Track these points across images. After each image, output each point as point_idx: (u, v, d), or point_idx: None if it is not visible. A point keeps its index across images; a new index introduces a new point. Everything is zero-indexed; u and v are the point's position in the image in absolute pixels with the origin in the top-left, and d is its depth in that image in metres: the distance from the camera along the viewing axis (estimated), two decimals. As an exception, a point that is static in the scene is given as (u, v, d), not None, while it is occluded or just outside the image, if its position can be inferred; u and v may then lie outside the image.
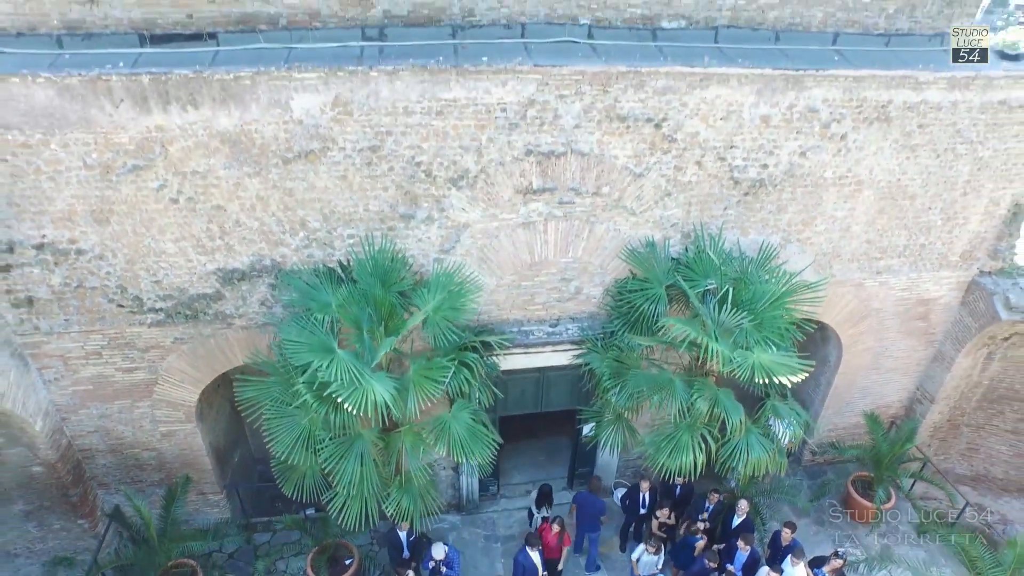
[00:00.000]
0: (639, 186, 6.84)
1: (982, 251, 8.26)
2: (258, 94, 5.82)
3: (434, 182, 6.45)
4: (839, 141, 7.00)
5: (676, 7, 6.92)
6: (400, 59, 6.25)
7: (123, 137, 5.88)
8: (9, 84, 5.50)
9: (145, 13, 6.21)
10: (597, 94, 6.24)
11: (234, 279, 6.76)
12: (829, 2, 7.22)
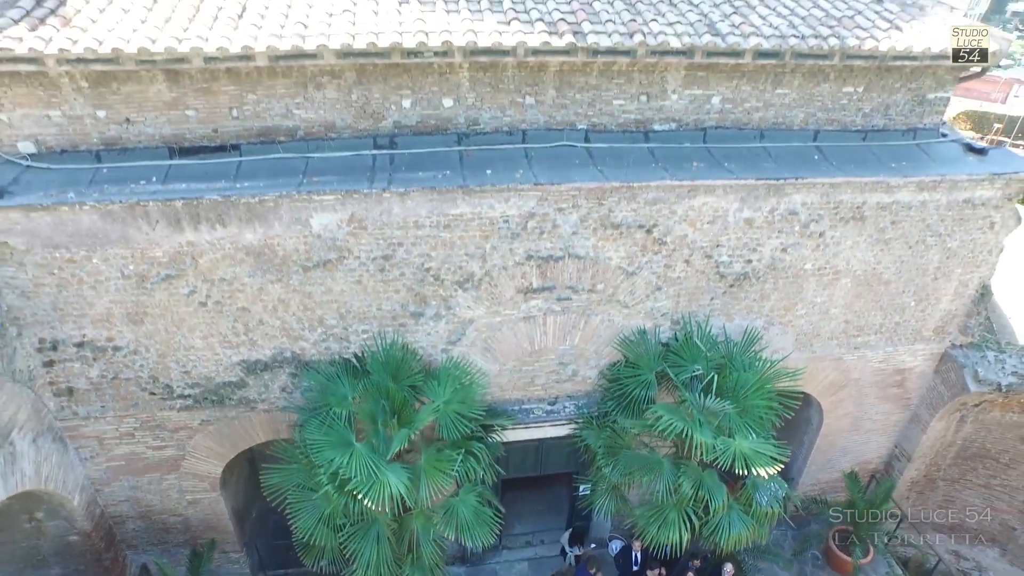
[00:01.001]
0: (631, 283, 7.39)
1: (953, 326, 8.81)
2: (280, 214, 6.37)
3: (442, 285, 7.00)
4: (818, 238, 7.55)
5: (667, 112, 7.47)
6: (410, 168, 6.81)
7: (157, 251, 6.43)
8: (60, 211, 6.05)
9: (174, 129, 6.77)
10: (593, 206, 6.79)
11: (257, 369, 7.32)
12: (810, 104, 7.78)
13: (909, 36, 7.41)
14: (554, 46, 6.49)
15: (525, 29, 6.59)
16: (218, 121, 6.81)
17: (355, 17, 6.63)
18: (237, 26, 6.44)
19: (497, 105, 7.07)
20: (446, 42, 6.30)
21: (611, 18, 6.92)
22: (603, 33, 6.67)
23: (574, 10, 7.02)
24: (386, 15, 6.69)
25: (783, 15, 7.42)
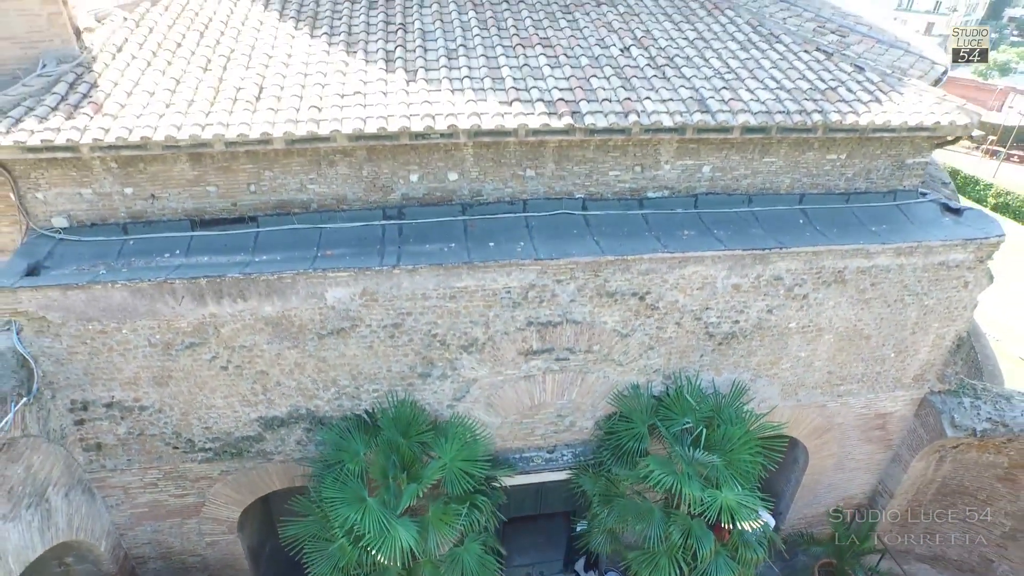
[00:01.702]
0: (625, 344, 7.84)
1: (932, 374, 9.26)
2: (297, 289, 6.81)
3: (448, 349, 7.46)
4: (801, 300, 8.00)
5: (660, 180, 7.91)
6: (417, 239, 7.27)
7: (182, 323, 6.88)
8: (93, 289, 6.48)
9: (196, 203, 7.22)
10: (589, 277, 7.23)
11: (274, 425, 7.78)
12: (795, 170, 8.23)
13: (888, 108, 7.85)
14: (553, 127, 6.93)
15: (526, 110, 7.03)
16: (237, 195, 7.26)
17: (365, 99, 7.07)
18: (255, 109, 6.89)
19: (499, 178, 7.52)
20: (452, 126, 6.74)
21: (607, 95, 7.36)
22: (599, 112, 7.12)
23: (572, 87, 7.47)
24: (395, 95, 7.13)
25: (771, 88, 7.86)
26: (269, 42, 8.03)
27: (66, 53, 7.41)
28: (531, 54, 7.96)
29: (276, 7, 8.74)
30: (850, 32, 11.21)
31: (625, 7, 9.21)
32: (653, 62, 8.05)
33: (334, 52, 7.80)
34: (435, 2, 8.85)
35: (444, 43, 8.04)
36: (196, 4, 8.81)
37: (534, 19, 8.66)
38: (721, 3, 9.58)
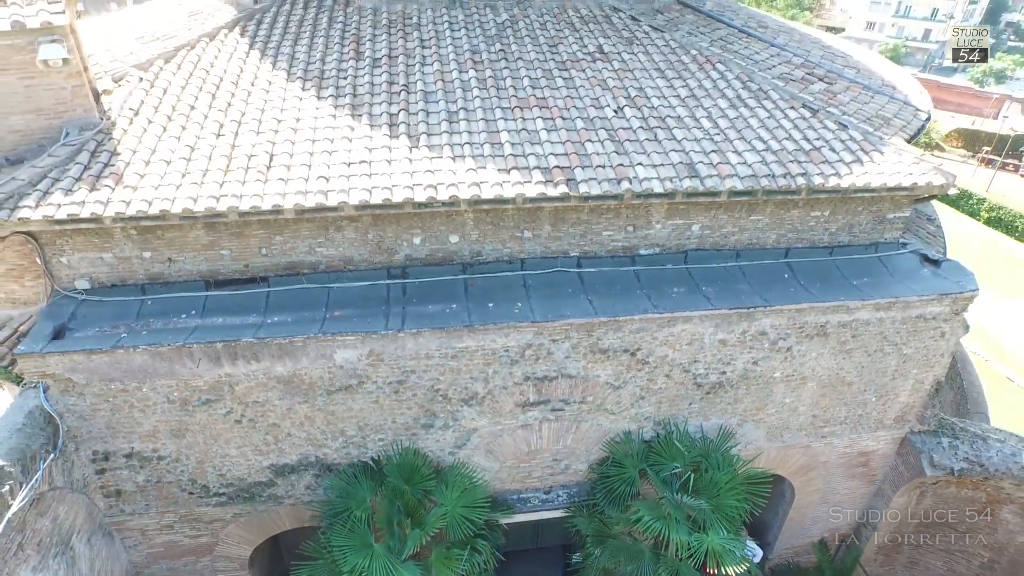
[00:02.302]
0: (617, 395, 8.25)
1: (912, 415, 9.67)
2: (308, 351, 7.21)
3: (449, 402, 7.86)
4: (785, 352, 8.40)
5: (652, 239, 8.31)
6: (421, 299, 7.67)
7: (199, 382, 7.28)
8: (115, 353, 6.88)
9: (210, 265, 7.62)
10: (583, 336, 7.63)
11: (285, 472, 8.19)
12: (781, 227, 8.61)
13: (869, 169, 8.23)
14: (549, 195, 7.31)
15: (523, 178, 7.41)
16: (249, 258, 7.65)
17: (371, 168, 7.45)
18: (267, 179, 7.26)
19: (498, 239, 7.91)
20: (453, 196, 7.13)
21: (601, 161, 7.74)
22: (593, 180, 7.50)
23: (568, 152, 7.84)
24: (399, 163, 7.51)
25: (758, 149, 8.23)
26: (278, 104, 8.40)
27: (88, 121, 7.78)
28: (528, 116, 8.34)
29: (284, 67, 9.10)
30: (838, 78, 11.59)
31: (620, 63, 9.58)
32: (646, 123, 8.42)
33: (340, 116, 8.17)
34: (437, 60, 9.22)
35: (446, 105, 8.41)
36: (207, 62, 9.19)
37: (532, 78, 9.03)
38: (712, 57, 9.95)
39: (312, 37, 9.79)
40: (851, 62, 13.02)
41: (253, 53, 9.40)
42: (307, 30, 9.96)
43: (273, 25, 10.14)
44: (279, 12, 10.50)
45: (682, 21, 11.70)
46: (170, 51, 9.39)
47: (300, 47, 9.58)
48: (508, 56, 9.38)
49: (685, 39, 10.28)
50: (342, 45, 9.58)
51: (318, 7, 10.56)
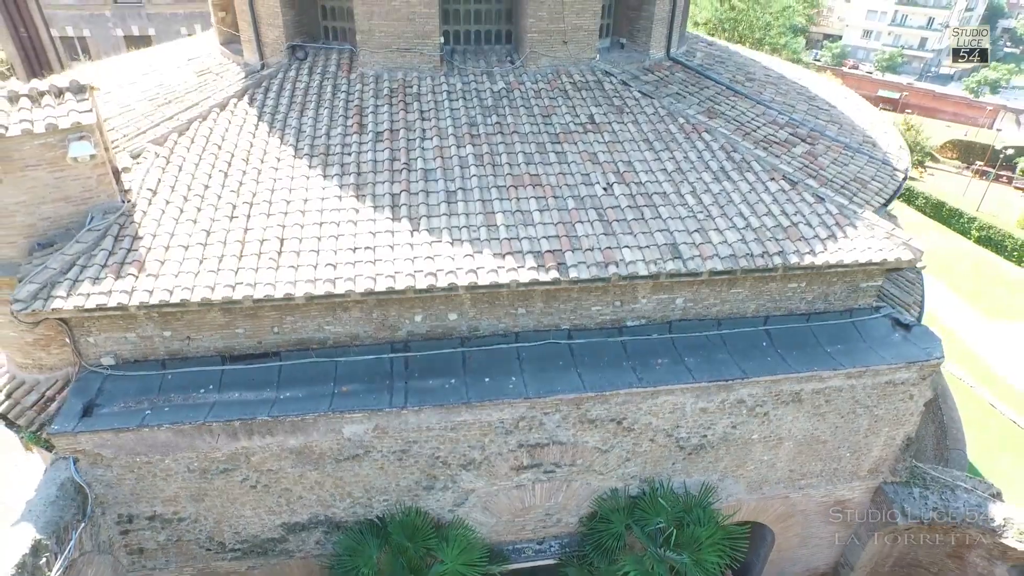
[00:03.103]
0: (605, 458, 8.83)
1: (885, 468, 10.26)
2: (318, 426, 7.79)
3: (449, 467, 8.45)
4: (762, 416, 8.97)
5: (638, 312, 8.86)
6: (422, 373, 8.23)
7: (218, 454, 7.86)
8: (141, 431, 7.46)
9: (226, 342, 8.18)
10: (572, 409, 8.21)
11: (296, 529, 8.79)
12: (760, 297, 9.16)
13: (843, 246, 8.76)
14: (541, 280, 7.87)
15: (517, 263, 7.95)
16: (262, 336, 8.21)
17: (375, 253, 7.98)
18: (278, 266, 7.80)
19: (494, 315, 8.47)
20: (451, 283, 7.68)
21: (591, 244, 8.28)
22: (582, 263, 8.04)
23: (559, 234, 8.38)
24: (401, 248, 8.05)
25: (739, 227, 8.77)
26: (287, 184, 8.92)
27: (111, 205, 8.32)
28: (523, 195, 8.87)
29: (291, 141, 9.62)
30: (820, 137, 12.10)
31: (610, 134, 10.09)
32: (634, 201, 8.95)
33: (345, 197, 8.70)
34: (436, 134, 9.73)
35: (444, 184, 8.94)
36: (218, 136, 9.71)
37: (526, 153, 9.54)
38: (699, 126, 10.45)
39: (317, 108, 10.30)
40: (834, 115, 13.52)
41: (262, 126, 9.91)
42: (312, 100, 10.47)
43: (280, 93, 10.65)
44: (285, 78, 11.00)
45: (672, 80, 12.19)
46: (183, 124, 9.93)
47: (306, 118, 10.09)
48: (504, 129, 9.90)
49: (673, 106, 10.78)
50: (346, 117, 10.10)
51: (322, 73, 11.06)
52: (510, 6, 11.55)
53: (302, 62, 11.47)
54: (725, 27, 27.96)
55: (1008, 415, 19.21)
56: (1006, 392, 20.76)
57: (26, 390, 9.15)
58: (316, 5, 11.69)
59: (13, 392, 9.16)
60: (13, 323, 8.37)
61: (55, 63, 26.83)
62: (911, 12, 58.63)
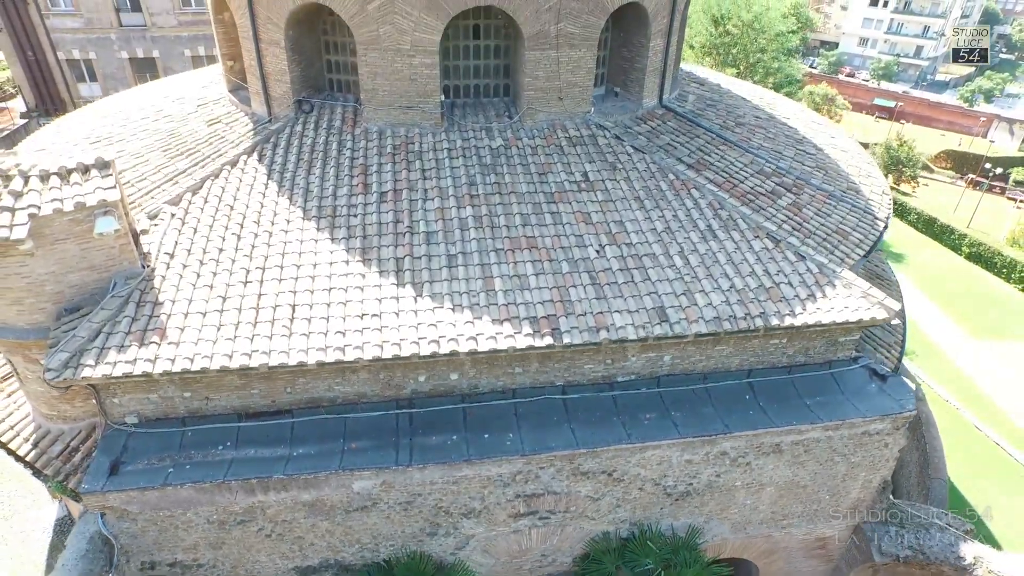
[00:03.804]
0: (597, 505, 9.41)
1: (863, 507, 10.84)
2: (330, 483, 8.35)
3: (451, 516, 9.03)
4: (745, 466, 9.54)
5: (628, 369, 9.41)
6: (426, 429, 8.80)
7: (236, 507, 8.43)
8: (164, 490, 8.01)
9: (242, 402, 8.74)
10: (565, 463, 8.77)
11: (308, 573, 9.38)
12: (744, 353, 9.71)
13: (821, 306, 9.30)
14: (537, 345, 8.41)
15: (514, 329, 8.49)
16: (276, 395, 8.77)
17: (381, 320, 8.51)
18: (291, 332, 8.34)
19: (492, 375, 9.03)
20: (453, 350, 8.22)
21: (583, 308, 8.82)
22: (575, 329, 8.58)
23: (554, 299, 8.92)
24: (406, 315, 8.58)
25: (723, 289, 9.31)
26: (296, 247, 9.42)
27: (132, 271, 8.84)
28: (520, 259, 9.39)
29: (300, 203, 10.13)
30: (805, 186, 12.60)
31: (604, 192, 10.60)
32: (624, 263, 9.47)
33: (352, 262, 9.21)
34: (437, 195, 10.25)
35: (446, 248, 9.46)
36: (230, 197, 10.22)
37: (523, 214, 10.06)
38: (688, 182, 10.97)
39: (324, 166, 10.81)
40: (819, 161, 14.01)
41: (271, 185, 10.42)
42: (319, 157, 10.97)
43: (288, 150, 11.15)
44: (292, 133, 11.51)
45: (663, 129, 12.70)
46: (197, 183, 10.44)
47: (313, 177, 10.60)
48: (502, 189, 10.41)
49: (664, 161, 11.29)
50: (351, 176, 10.61)
51: (328, 129, 11.56)
52: (508, 62, 12.05)
53: (308, 115, 11.98)
54: (719, 51, 28.45)
55: (992, 437, 19.83)
56: (991, 412, 21.39)
57: (51, 440, 9.73)
58: (322, 59, 12.20)
59: (39, 441, 9.78)
60: (40, 379, 8.98)
61: (61, 85, 27.32)
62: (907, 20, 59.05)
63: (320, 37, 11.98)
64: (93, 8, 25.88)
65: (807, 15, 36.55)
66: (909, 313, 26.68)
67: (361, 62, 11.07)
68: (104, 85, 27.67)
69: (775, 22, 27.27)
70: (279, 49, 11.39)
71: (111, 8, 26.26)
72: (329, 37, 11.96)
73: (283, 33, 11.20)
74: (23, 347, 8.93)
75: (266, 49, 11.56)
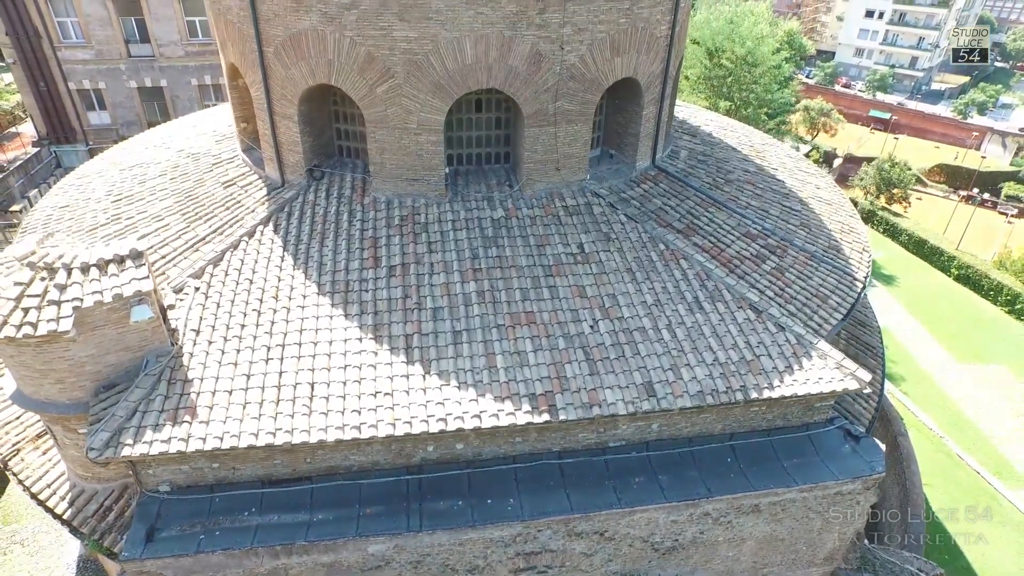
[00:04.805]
0: (590, 560, 10.24)
1: (839, 555, 11.67)
2: (347, 547, 9.17)
3: (456, 572, 9.85)
4: (727, 524, 10.36)
5: (619, 436, 10.22)
6: (433, 494, 9.61)
7: (261, 569, 9.25)
8: (197, 556, 8.82)
9: (265, 471, 9.55)
10: (561, 526, 9.59)
11: (324, 623, 10.20)
12: (726, 419, 10.51)
13: (798, 377, 10.08)
14: (535, 422, 9.21)
15: (515, 406, 9.28)
16: (296, 465, 9.57)
17: (393, 399, 9.30)
18: (311, 411, 9.12)
19: (495, 444, 9.83)
20: (459, 428, 9.01)
21: (578, 385, 9.61)
22: (570, 405, 9.38)
23: (551, 376, 9.70)
24: (415, 393, 9.36)
25: (707, 363, 10.09)
26: (313, 324, 10.19)
27: (162, 349, 9.63)
28: (519, 335, 10.16)
29: (315, 277, 10.88)
30: (789, 247, 13.34)
31: (598, 265, 11.34)
32: (616, 338, 10.25)
33: (365, 339, 9.97)
34: (443, 270, 11.00)
35: (451, 324, 10.23)
36: (249, 270, 10.98)
37: (522, 289, 10.81)
38: (677, 252, 11.72)
39: (336, 238, 11.54)
40: (804, 217, 14.72)
41: (287, 258, 11.17)
42: (331, 229, 11.69)
43: (301, 220, 11.88)
44: (305, 202, 12.23)
45: (656, 192, 13.43)
46: (217, 255, 11.20)
47: (326, 249, 11.34)
48: (503, 263, 11.17)
49: (655, 231, 12.03)
50: (361, 249, 11.35)
51: (339, 198, 12.29)
52: (508, 132, 12.78)
53: (319, 182, 12.72)
54: (713, 84, 29.07)
55: (972, 466, 20.66)
56: (974, 438, 22.21)
57: (86, 499, 10.56)
58: (332, 128, 12.93)
59: (75, 500, 10.59)
60: (78, 446, 9.78)
61: (72, 113, 27.99)
62: (902, 32, 59.59)
63: (330, 108, 12.71)
64: (104, 40, 26.53)
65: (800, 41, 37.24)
66: (899, 337, 27.51)
67: (370, 138, 11.81)
68: (113, 114, 28.35)
69: (768, 57, 27.95)
70: (292, 123, 12.13)
71: (121, 40, 26.90)
72: (339, 108, 12.70)
73: (296, 109, 11.95)
74: (63, 419, 9.73)
75: (279, 122, 12.30)
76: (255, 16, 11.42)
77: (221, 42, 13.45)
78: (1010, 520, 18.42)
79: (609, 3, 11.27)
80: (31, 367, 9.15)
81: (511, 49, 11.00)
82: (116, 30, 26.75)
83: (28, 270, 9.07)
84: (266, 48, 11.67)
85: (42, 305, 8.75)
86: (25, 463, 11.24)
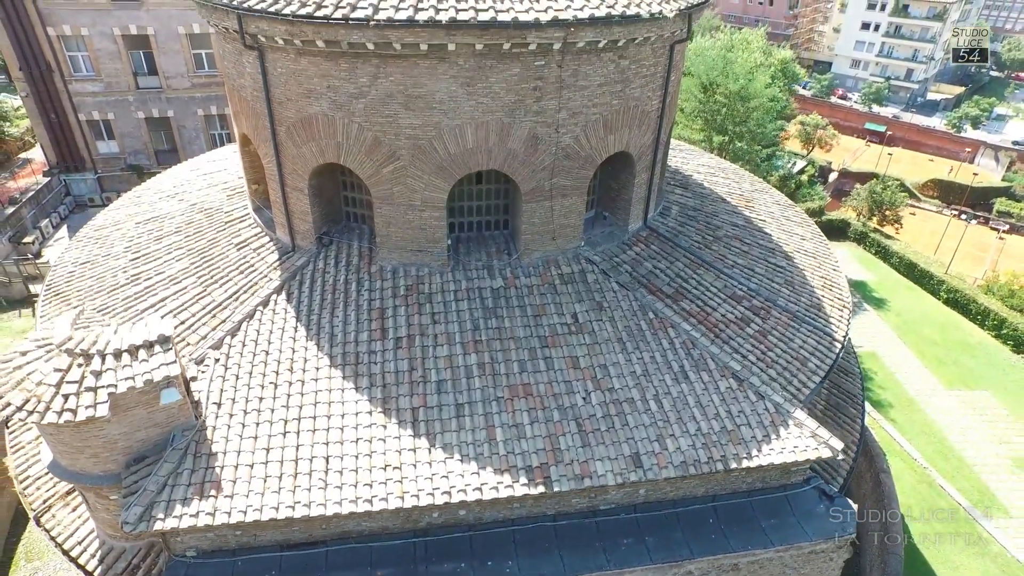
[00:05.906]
0: (584, 614, 11.09)
1: (814, 603, 12.52)
2: (358, 610, 9.99)
3: (459, 630, 10.69)
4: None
5: (609, 500, 11.03)
6: (438, 556, 10.42)
7: (280, 629, 10.08)
8: (221, 622, 9.65)
9: (284, 537, 10.38)
10: (556, 588, 10.42)
11: (337, 673, 11.05)
12: (708, 483, 11.33)
13: (775, 446, 10.89)
14: (531, 493, 10.01)
15: (513, 478, 10.09)
16: (312, 530, 10.39)
17: (401, 472, 10.11)
18: (326, 484, 9.93)
19: (494, 509, 10.66)
20: (462, 500, 9.82)
21: (571, 457, 10.41)
22: (564, 477, 10.20)
23: (546, 448, 10.50)
24: (422, 467, 10.17)
25: (691, 433, 10.90)
26: (326, 397, 10.98)
27: (188, 424, 10.43)
28: (517, 407, 10.95)
29: (326, 349, 11.66)
30: (772, 308, 14.10)
31: (591, 335, 12.12)
32: (607, 409, 11.04)
33: (375, 412, 10.77)
34: (446, 342, 11.78)
35: (454, 396, 11.01)
36: (264, 342, 11.76)
37: (520, 360, 11.59)
38: (666, 321, 12.48)
39: (345, 308, 12.30)
40: (787, 275, 15.46)
41: (300, 329, 11.94)
42: (340, 299, 12.45)
43: (312, 289, 12.64)
44: (315, 270, 12.99)
45: (647, 255, 14.18)
46: (235, 325, 11.97)
47: (336, 320, 12.11)
48: (502, 335, 11.94)
49: (644, 299, 12.79)
50: (369, 321, 12.12)
51: (347, 266, 13.05)
52: (507, 202, 13.52)
53: (328, 247, 13.48)
54: (707, 117, 29.65)
55: (955, 497, 21.45)
56: (957, 466, 22.99)
57: (115, 556, 11.38)
58: (339, 196, 13.67)
59: (105, 557, 11.42)
60: (108, 510, 10.60)
61: (81, 143, 28.69)
62: (897, 44, 60.09)
63: (339, 178, 13.45)
64: (112, 73, 27.20)
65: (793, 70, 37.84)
66: (887, 362, 28.21)
67: (376, 212, 12.56)
68: (121, 143, 29.04)
69: (761, 91, 28.57)
70: (302, 194, 12.88)
71: (129, 72, 27.57)
72: (347, 178, 13.44)
73: (307, 183, 12.70)
74: (96, 488, 10.54)
75: (290, 193, 13.05)
76: (268, 98, 12.15)
77: (234, 112, 14.17)
78: (988, 552, 19.24)
79: (603, 87, 12.00)
80: (69, 444, 9.96)
81: (510, 134, 11.74)
82: (125, 63, 27.41)
83: (66, 356, 9.86)
84: (278, 127, 12.40)
85: (80, 391, 9.53)
86: (56, 519, 12.09)
